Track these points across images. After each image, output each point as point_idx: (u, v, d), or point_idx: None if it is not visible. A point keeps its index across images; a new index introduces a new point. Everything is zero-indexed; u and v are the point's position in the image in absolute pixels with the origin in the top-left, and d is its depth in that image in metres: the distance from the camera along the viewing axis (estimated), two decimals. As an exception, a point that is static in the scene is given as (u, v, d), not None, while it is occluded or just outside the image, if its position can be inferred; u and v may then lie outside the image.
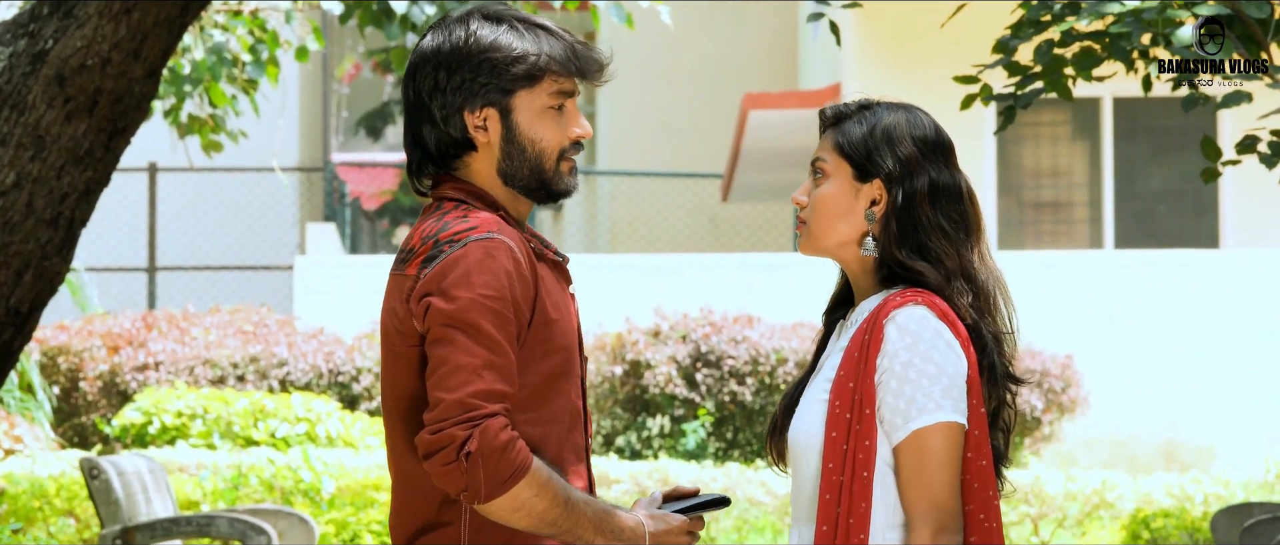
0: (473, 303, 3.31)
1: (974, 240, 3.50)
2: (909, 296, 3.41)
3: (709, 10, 23.23)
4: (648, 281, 16.24)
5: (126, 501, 9.67)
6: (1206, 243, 17.19)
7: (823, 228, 3.50)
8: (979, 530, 3.39)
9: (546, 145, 3.48)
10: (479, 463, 3.27)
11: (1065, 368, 14.80)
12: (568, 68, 3.48)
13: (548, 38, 3.48)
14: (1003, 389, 3.47)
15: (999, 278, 3.51)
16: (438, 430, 3.29)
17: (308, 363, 14.93)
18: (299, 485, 12.10)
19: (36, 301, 6.89)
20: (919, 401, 3.35)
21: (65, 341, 15.15)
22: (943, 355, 3.36)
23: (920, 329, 3.37)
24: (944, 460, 3.35)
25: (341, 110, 28.68)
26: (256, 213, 22.15)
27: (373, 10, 10.46)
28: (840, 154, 3.50)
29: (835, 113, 3.55)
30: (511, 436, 3.29)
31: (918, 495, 3.35)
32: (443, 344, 3.31)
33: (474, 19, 3.49)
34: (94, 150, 6.79)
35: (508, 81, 3.45)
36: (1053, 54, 7.18)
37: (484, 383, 3.29)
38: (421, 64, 3.48)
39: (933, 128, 3.53)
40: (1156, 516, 12.37)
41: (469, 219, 3.40)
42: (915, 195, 3.46)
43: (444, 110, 3.46)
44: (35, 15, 6.76)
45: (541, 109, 3.47)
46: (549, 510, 3.32)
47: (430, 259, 3.37)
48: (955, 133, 14.67)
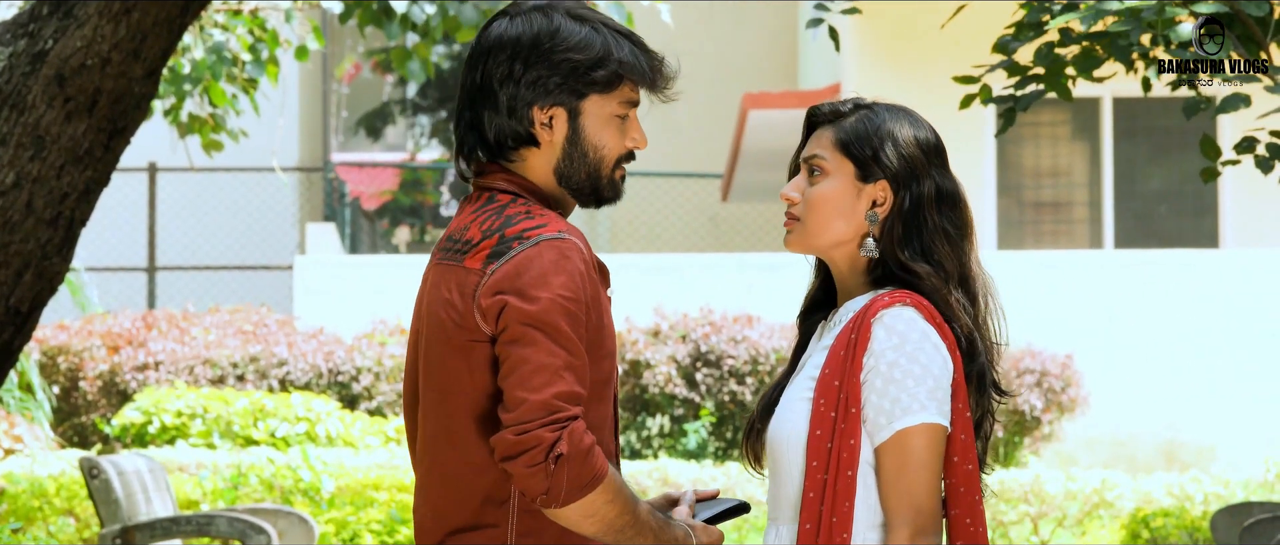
0: (553, 303, 3.26)
1: (969, 245, 3.49)
2: (898, 297, 3.39)
3: (709, 10, 23.23)
4: (647, 281, 16.24)
5: (126, 501, 9.67)
6: (1206, 243, 17.19)
7: (819, 225, 3.47)
8: (964, 534, 3.39)
9: (607, 152, 3.43)
10: (566, 466, 3.22)
11: (1065, 367, 14.80)
12: (643, 79, 3.43)
13: (630, 45, 3.43)
14: (989, 398, 3.46)
15: (990, 284, 3.51)
16: (524, 431, 3.22)
17: (307, 362, 14.93)
18: (299, 485, 12.10)
19: (36, 301, 6.89)
20: (904, 402, 3.33)
21: (65, 341, 15.15)
22: (929, 357, 3.34)
23: (908, 330, 3.35)
24: (925, 461, 3.33)
25: (341, 110, 28.66)
26: (256, 212, 22.15)
27: (373, 10, 10.46)
28: (842, 152, 3.47)
29: (831, 110, 3.52)
30: (593, 441, 3.25)
31: (898, 496, 3.33)
32: (523, 344, 3.25)
33: (558, 13, 3.42)
34: (94, 150, 6.79)
35: (584, 85, 3.39)
36: (1053, 55, 7.18)
37: (566, 384, 3.24)
38: (497, 49, 3.39)
39: (932, 132, 3.53)
40: (1156, 516, 12.37)
41: (535, 216, 3.35)
42: (923, 198, 3.44)
43: (513, 101, 3.39)
44: (35, 15, 6.76)
45: (609, 116, 3.42)
46: (619, 518, 3.29)
47: (498, 255, 3.31)
48: (955, 133, 14.76)
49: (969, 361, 3.41)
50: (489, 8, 10.62)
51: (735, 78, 22.91)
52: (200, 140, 11.52)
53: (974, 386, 3.42)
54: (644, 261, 16.65)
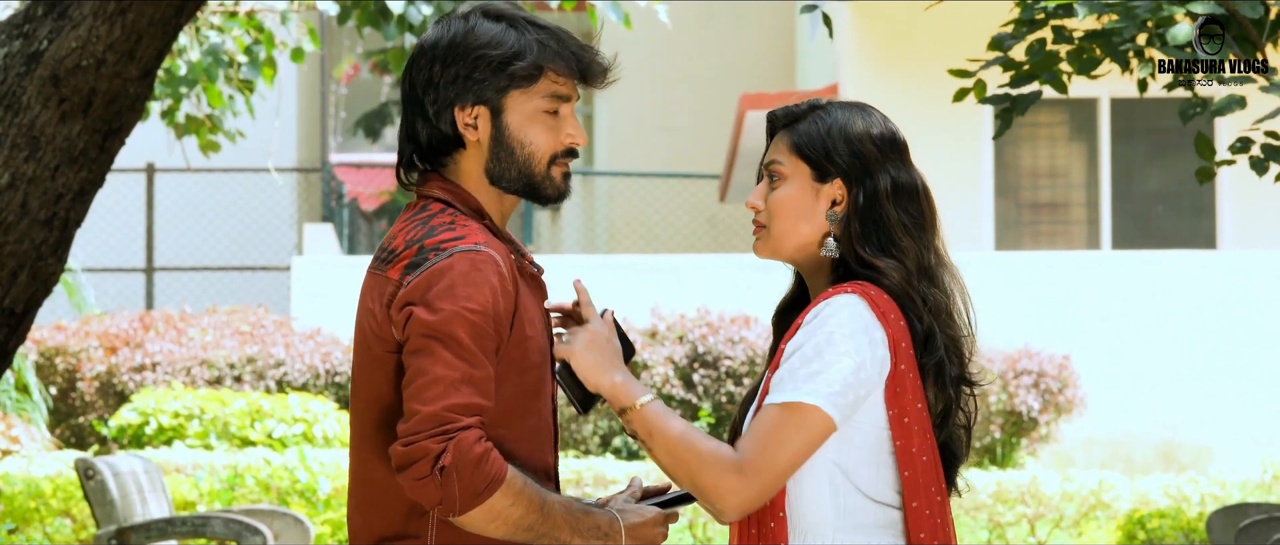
0: (455, 315, 3.25)
1: (931, 237, 3.47)
2: (843, 288, 3.39)
3: (707, 10, 23.23)
4: (645, 282, 16.23)
5: (122, 502, 9.67)
6: (1204, 243, 17.19)
7: (784, 230, 3.48)
8: (925, 525, 3.36)
9: (536, 149, 3.41)
10: (454, 476, 3.21)
11: (1062, 368, 14.80)
12: (567, 71, 3.41)
13: (549, 38, 3.41)
14: (954, 391, 3.43)
15: (956, 274, 3.49)
16: (411, 443, 3.23)
17: (305, 363, 14.93)
18: (295, 485, 12.10)
19: (31, 302, 6.89)
20: (785, 380, 3.32)
21: (62, 342, 15.15)
22: (840, 346, 3.32)
23: (830, 316, 3.35)
24: (783, 438, 3.30)
25: (340, 111, 28.67)
26: (254, 213, 22.15)
27: (370, 10, 10.46)
28: (797, 155, 3.47)
29: (786, 114, 3.52)
30: (486, 448, 3.24)
31: (754, 441, 3.30)
32: (422, 355, 3.26)
33: (475, 15, 3.42)
34: (89, 151, 6.79)
35: (502, 80, 3.38)
36: (1047, 50, 7.18)
37: (461, 396, 3.23)
38: (419, 57, 3.42)
39: (887, 126, 3.51)
40: (1152, 517, 12.38)
41: (457, 228, 3.34)
42: (877, 193, 3.44)
43: (436, 105, 3.39)
44: (30, 16, 6.76)
45: (534, 111, 3.40)
46: (525, 517, 3.28)
47: (415, 266, 3.31)
48: (953, 134, 14.73)
49: (926, 354, 3.39)
50: (485, 8, 10.62)
51: (733, 78, 22.91)
52: (197, 141, 11.52)
53: (930, 379, 3.40)
54: (641, 262, 16.64)
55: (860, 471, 3.37)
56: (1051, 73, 7.22)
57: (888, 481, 3.39)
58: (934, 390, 3.42)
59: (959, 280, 3.49)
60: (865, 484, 3.37)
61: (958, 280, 3.49)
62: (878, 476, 3.38)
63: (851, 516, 3.36)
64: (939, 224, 3.51)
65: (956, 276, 3.49)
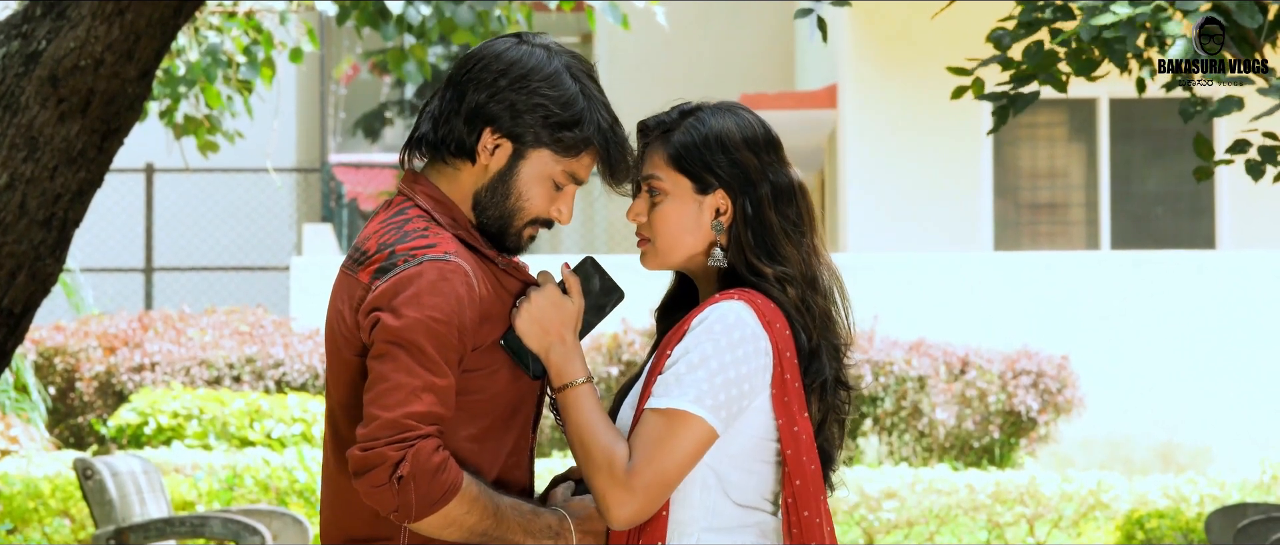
0: (419, 323, 3.25)
1: (809, 237, 3.45)
2: (729, 295, 3.38)
3: (705, 11, 23.23)
4: (644, 282, 16.21)
5: (120, 502, 9.67)
6: (1203, 244, 17.19)
7: (669, 245, 3.46)
8: (814, 533, 3.35)
9: (527, 206, 3.42)
10: (411, 485, 3.22)
11: (1061, 368, 14.80)
12: (602, 161, 3.41)
13: (607, 125, 3.40)
14: (834, 398, 3.42)
15: (836, 273, 3.47)
16: (369, 448, 3.24)
17: (304, 363, 14.93)
18: (294, 486, 12.10)
19: (30, 302, 6.89)
20: (670, 386, 3.30)
21: (61, 342, 15.15)
22: (726, 354, 3.31)
23: (716, 324, 3.33)
24: (673, 449, 3.28)
25: (339, 111, 28.67)
26: (253, 214, 22.15)
27: (369, 11, 10.46)
28: (676, 168, 3.45)
29: (658, 124, 3.49)
30: (444, 458, 3.24)
31: (642, 453, 3.27)
32: (385, 360, 3.25)
33: (564, 57, 3.40)
34: (87, 151, 6.79)
35: (545, 135, 3.38)
36: (1047, 51, 7.19)
37: (421, 404, 3.24)
38: (493, 61, 3.39)
39: (761, 126, 3.50)
40: (1151, 517, 12.37)
41: (429, 235, 3.33)
42: (761, 201, 3.42)
43: (476, 110, 3.37)
44: (28, 16, 6.76)
45: (547, 175, 3.40)
46: (480, 523, 3.29)
47: (384, 271, 3.31)
48: (952, 134, 14.73)
49: (810, 364, 3.38)
50: (484, 9, 10.62)
51: (732, 79, 22.91)
52: (196, 141, 11.52)
53: (815, 390, 3.39)
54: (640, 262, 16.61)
55: (731, 476, 3.36)
56: (1050, 73, 7.22)
57: (757, 488, 3.38)
58: (816, 402, 3.40)
59: (835, 273, 3.47)
60: (734, 490, 3.36)
61: (835, 275, 3.47)
62: (747, 483, 3.37)
63: (716, 518, 3.35)
64: (816, 221, 3.48)
65: (833, 270, 3.47)
